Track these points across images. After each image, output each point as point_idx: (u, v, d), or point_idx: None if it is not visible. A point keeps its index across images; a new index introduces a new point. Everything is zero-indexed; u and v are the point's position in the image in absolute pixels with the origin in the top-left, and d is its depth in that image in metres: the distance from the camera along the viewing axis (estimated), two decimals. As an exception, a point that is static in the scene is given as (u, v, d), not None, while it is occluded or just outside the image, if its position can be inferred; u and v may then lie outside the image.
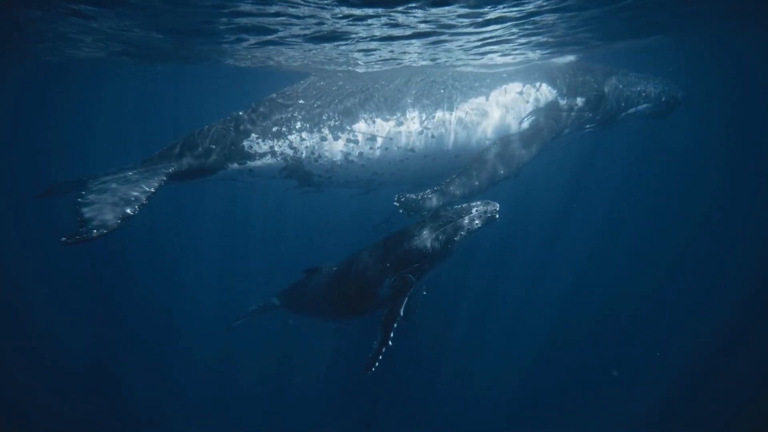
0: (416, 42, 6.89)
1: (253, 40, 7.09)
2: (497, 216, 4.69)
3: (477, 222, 4.66)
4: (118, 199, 4.68)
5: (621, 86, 6.91)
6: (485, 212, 4.69)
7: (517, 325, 11.92)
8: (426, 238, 4.71)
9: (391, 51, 7.39)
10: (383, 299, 4.79)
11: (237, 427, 10.61)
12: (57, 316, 12.45)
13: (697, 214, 16.92)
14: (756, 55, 13.27)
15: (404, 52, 7.51)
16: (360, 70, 8.53)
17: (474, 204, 4.83)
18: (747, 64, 15.03)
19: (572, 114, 6.53)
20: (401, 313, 4.44)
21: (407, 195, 5.47)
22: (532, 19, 5.96)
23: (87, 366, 11.04)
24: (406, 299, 4.58)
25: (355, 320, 5.56)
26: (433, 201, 5.48)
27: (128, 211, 4.54)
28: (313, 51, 7.53)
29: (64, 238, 4.03)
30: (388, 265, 4.79)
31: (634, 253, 15.41)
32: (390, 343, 4.26)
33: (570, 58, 8.24)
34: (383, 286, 4.81)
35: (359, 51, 7.42)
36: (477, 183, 5.74)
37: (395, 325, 4.36)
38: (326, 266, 5.54)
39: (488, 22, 5.98)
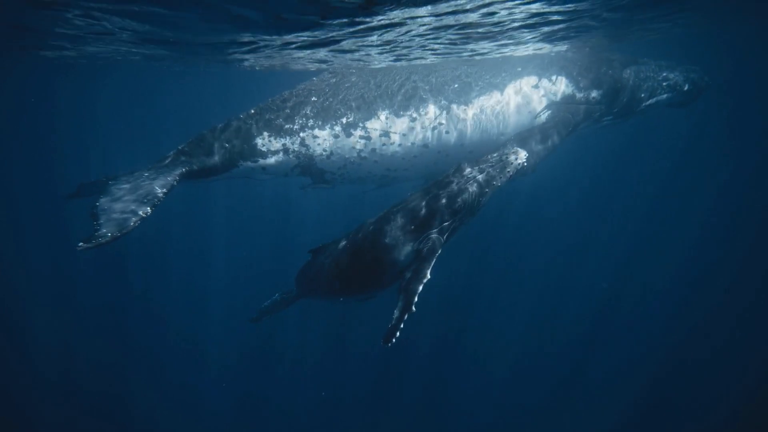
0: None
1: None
2: (525, 163, 4.51)
3: (508, 170, 4.44)
4: (133, 201, 4.70)
5: (640, 77, 6.69)
6: (515, 160, 4.48)
7: (506, 324, 11.96)
8: (456, 193, 4.41)
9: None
10: (404, 268, 4.41)
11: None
12: (67, 322, 12.34)
13: (694, 212, 16.61)
14: (753, 47, 12.87)
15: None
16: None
17: (500, 152, 4.62)
18: (744, 57, 14.57)
19: (589, 107, 6.37)
20: (429, 275, 4.11)
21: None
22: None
23: (97, 372, 11.05)
24: (434, 261, 4.24)
25: (371, 297, 5.13)
26: None
27: (141, 212, 4.58)
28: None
29: (81, 243, 4.02)
30: (413, 227, 4.41)
31: (629, 250, 15.15)
32: (414, 309, 3.92)
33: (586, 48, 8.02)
34: (405, 252, 4.44)
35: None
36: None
37: (420, 288, 4.01)
38: (332, 242, 5.17)
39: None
